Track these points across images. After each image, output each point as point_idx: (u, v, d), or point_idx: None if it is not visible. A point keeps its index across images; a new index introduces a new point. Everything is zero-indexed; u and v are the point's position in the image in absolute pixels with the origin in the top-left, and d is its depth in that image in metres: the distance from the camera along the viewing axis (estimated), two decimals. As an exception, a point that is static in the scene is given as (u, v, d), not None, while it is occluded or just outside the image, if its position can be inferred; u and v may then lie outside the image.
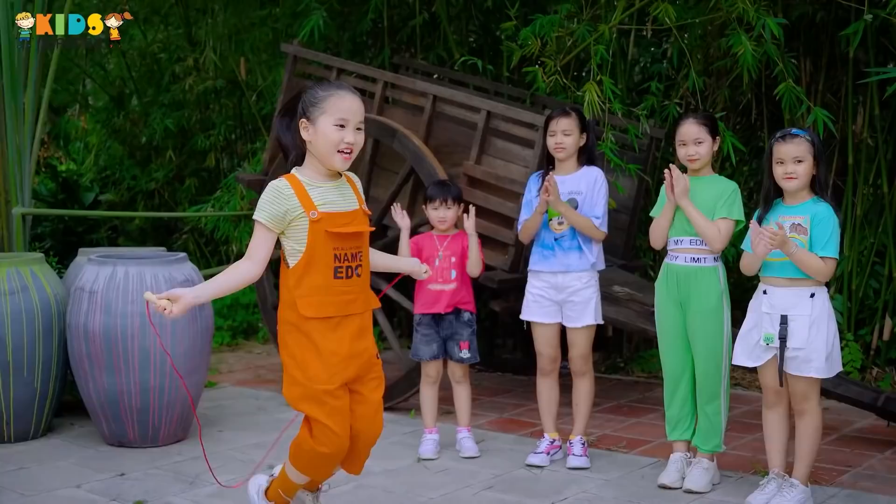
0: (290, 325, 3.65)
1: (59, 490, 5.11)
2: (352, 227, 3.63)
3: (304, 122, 3.58)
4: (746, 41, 5.62)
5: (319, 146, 3.56)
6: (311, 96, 3.59)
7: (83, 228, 10.16)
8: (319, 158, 3.59)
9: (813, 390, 4.69)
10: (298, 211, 3.52)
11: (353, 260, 3.63)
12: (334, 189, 3.63)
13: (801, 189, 4.67)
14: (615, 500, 4.93)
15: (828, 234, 4.56)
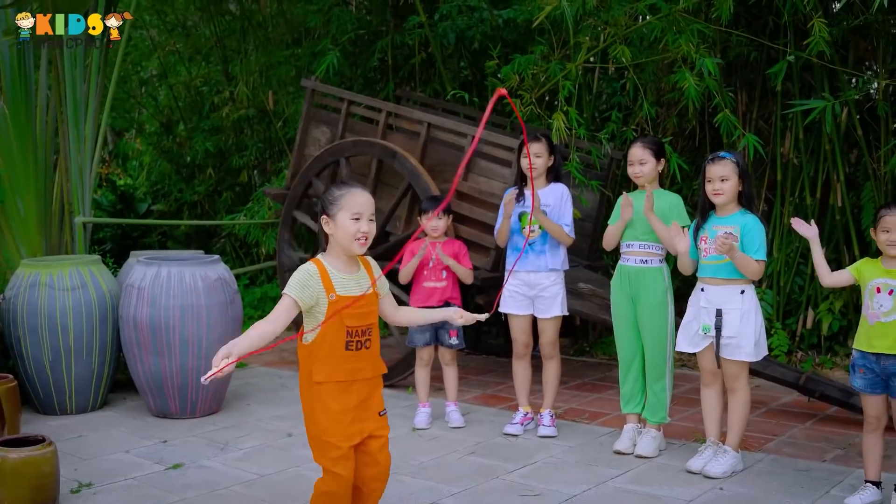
0: (307, 386, 3.59)
1: (111, 455, 5.11)
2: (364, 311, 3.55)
3: (326, 218, 3.56)
4: (690, 77, 5.61)
5: (340, 237, 3.53)
6: (329, 196, 3.55)
7: (138, 233, 10.15)
8: (341, 247, 3.57)
9: (743, 371, 4.70)
10: (321, 295, 3.49)
11: (363, 335, 3.59)
12: (352, 278, 3.59)
13: (728, 203, 4.68)
14: (576, 464, 4.93)
15: (758, 241, 4.58)
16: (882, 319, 4.15)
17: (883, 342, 4.14)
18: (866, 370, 4.20)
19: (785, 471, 4.79)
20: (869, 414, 4.27)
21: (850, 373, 4.32)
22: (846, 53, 6.65)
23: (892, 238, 4.15)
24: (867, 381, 4.21)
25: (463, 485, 4.61)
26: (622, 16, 6.17)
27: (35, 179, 6.53)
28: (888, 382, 4.15)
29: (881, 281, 4.19)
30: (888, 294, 4.15)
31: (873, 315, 4.18)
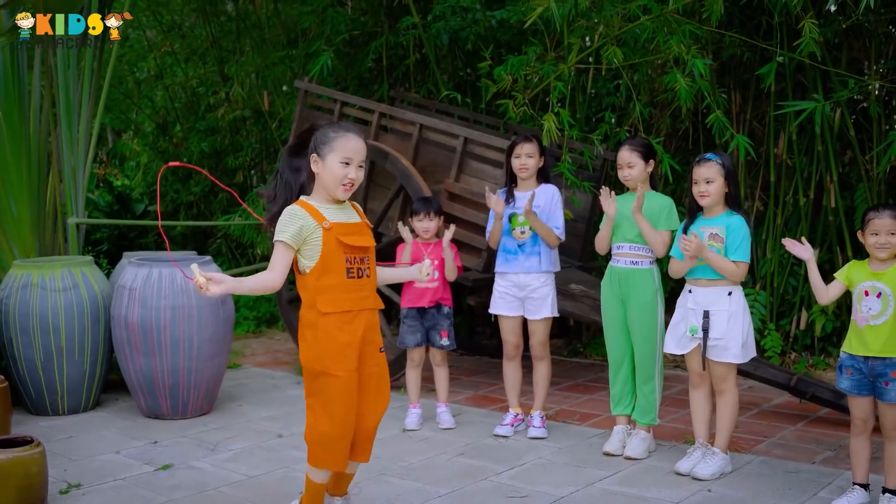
0: (310, 321, 3.56)
1: (102, 455, 5.13)
2: (358, 235, 3.60)
3: (315, 157, 3.54)
4: (681, 78, 5.61)
5: (326, 179, 3.51)
6: (322, 135, 3.54)
7: (134, 234, 10.16)
8: (325, 189, 3.55)
9: (730, 373, 4.71)
10: (313, 225, 3.48)
11: (362, 263, 3.58)
12: (340, 210, 3.59)
13: (715, 204, 4.69)
14: (565, 465, 4.93)
15: (738, 241, 4.58)
16: (871, 322, 4.15)
17: (872, 345, 4.13)
18: (854, 371, 4.20)
19: (774, 472, 4.79)
20: (855, 416, 4.26)
21: (837, 374, 4.31)
22: (839, 54, 6.65)
23: (881, 241, 4.14)
24: (854, 383, 4.21)
25: (451, 486, 4.61)
26: (615, 17, 6.16)
27: (28, 180, 6.54)
28: (875, 384, 4.15)
29: (869, 284, 4.18)
30: (876, 297, 4.14)
31: (862, 318, 4.18)
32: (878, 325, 4.12)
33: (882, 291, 4.12)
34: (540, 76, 6.50)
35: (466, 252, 6.05)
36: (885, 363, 4.11)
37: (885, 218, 4.15)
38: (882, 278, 4.15)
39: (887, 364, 4.10)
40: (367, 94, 8.35)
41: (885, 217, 4.16)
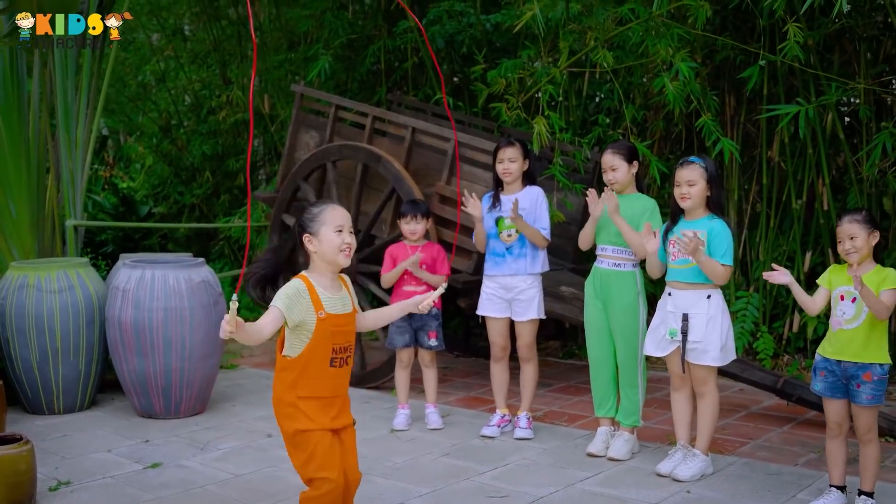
0: (290, 401, 3.62)
1: (93, 454, 5.22)
2: (347, 328, 3.65)
3: (308, 236, 3.59)
4: (668, 82, 5.66)
5: (326, 251, 3.56)
6: (307, 216, 3.61)
7: (139, 235, 10.28)
8: (326, 261, 3.60)
9: (710, 375, 4.76)
10: (310, 311, 3.54)
11: (346, 352, 3.67)
12: (335, 293, 3.66)
13: (696, 207, 4.74)
14: (549, 466, 4.99)
15: (724, 246, 4.63)
16: (845, 326, 4.20)
17: (845, 349, 4.18)
18: (827, 373, 4.24)
19: (755, 474, 4.83)
20: (830, 419, 4.31)
21: (812, 376, 4.36)
22: (832, 57, 6.68)
23: (846, 248, 4.19)
24: (828, 385, 4.25)
25: (432, 486, 4.68)
26: (606, 20, 6.22)
27: (28, 183, 6.65)
28: (848, 387, 4.19)
29: (845, 288, 4.23)
30: (851, 301, 4.18)
31: (836, 322, 4.23)
32: (850, 330, 4.17)
33: (857, 296, 4.15)
34: (533, 79, 6.57)
35: (457, 254, 6.12)
36: (857, 366, 4.15)
37: (842, 224, 4.21)
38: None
39: (859, 367, 4.15)
40: (367, 98, 8.43)
41: (843, 223, 4.21)
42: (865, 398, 4.15)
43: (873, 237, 4.19)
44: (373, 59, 8.16)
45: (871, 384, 4.15)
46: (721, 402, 6.17)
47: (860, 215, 4.22)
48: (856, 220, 4.19)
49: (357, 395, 6.47)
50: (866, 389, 4.15)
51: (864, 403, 4.17)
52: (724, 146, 5.51)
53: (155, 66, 10.19)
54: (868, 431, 4.21)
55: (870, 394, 4.16)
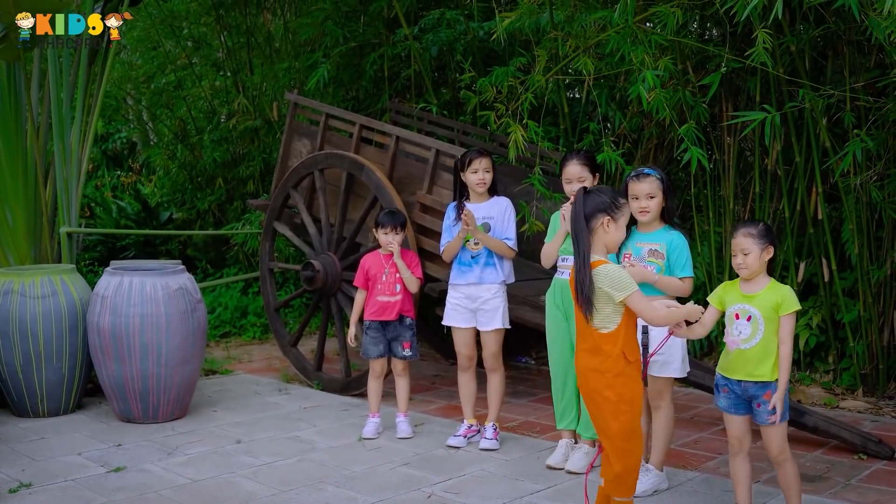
0: (620, 370, 3.81)
1: (62, 457, 5.34)
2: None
3: (608, 219, 3.85)
4: (642, 89, 5.60)
5: (616, 239, 3.94)
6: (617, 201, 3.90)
7: (159, 241, 10.50)
8: (608, 248, 3.94)
9: (667, 388, 4.70)
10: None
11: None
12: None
13: (653, 220, 4.68)
14: (503, 478, 4.98)
15: (684, 258, 4.58)
16: (742, 346, 4.04)
17: (742, 369, 4.04)
18: (729, 391, 4.12)
19: (711, 490, 4.76)
20: (731, 435, 4.20)
21: (714, 393, 4.24)
22: (825, 63, 6.54)
23: (738, 261, 4.05)
24: (731, 402, 4.14)
25: (381, 495, 4.70)
26: (589, 27, 6.19)
27: (24, 189, 6.84)
28: (750, 404, 4.08)
29: (739, 307, 4.07)
30: (746, 320, 4.03)
31: (732, 342, 4.07)
32: (747, 350, 4.02)
33: (752, 315, 4.02)
34: (525, 87, 6.55)
35: (436, 263, 6.12)
36: (757, 385, 4.03)
37: (737, 237, 4.06)
38: (752, 301, 4.04)
39: (759, 386, 4.03)
40: (370, 105, 8.49)
41: (738, 236, 4.05)
42: (766, 417, 4.03)
43: (767, 253, 4.03)
44: (375, 67, 8.21)
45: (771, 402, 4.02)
46: (701, 414, 6.22)
47: (755, 228, 4.05)
48: (750, 234, 4.02)
49: (337, 403, 6.55)
50: (766, 408, 4.02)
51: (764, 422, 4.05)
52: (692, 154, 5.43)
53: (171, 75, 10.37)
54: (780, 452, 4.09)
55: (769, 413, 4.03)
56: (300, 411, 6.35)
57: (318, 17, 8.20)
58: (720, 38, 7.01)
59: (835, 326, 6.62)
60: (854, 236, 6.29)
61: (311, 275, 6.65)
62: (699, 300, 4.48)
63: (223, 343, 8.60)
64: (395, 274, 5.75)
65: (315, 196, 6.97)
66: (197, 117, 10.50)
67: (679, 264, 4.61)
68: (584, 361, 3.89)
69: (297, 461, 5.27)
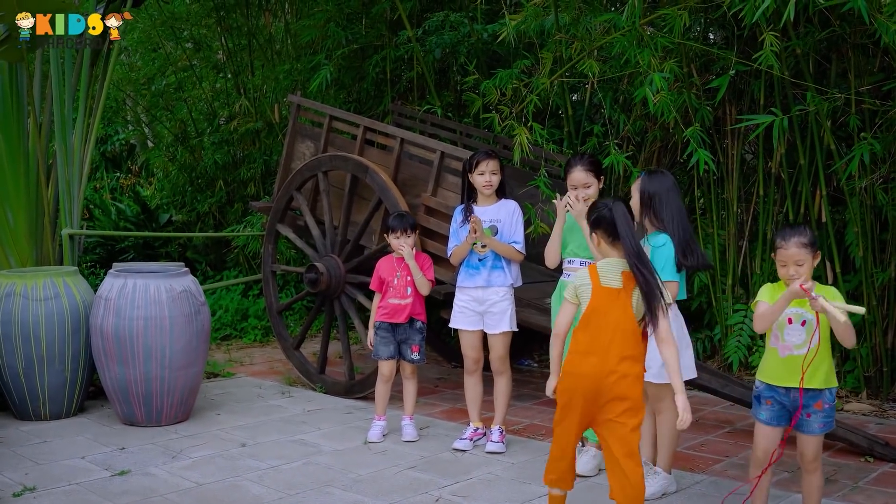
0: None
1: (66, 460, 5.30)
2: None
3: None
4: (649, 91, 5.59)
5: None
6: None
7: (159, 243, 10.47)
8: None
9: (665, 392, 4.66)
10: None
11: None
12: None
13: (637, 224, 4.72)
14: (511, 480, 4.96)
15: (662, 261, 4.55)
16: (794, 352, 3.95)
17: (795, 376, 3.95)
18: (774, 402, 4.03)
19: (719, 493, 4.74)
20: (761, 448, 4.11)
21: (754, 404, 4.16)
22: (829, 66, 6.54)
23: (790, 272, 3.91)
24: (774, 414, 4.05)
25: (389, 499, 4.68)
26: (594, 30, 6.18)
27: (26, 191, 6.80)
28: (794, 415, 4.01)
29: (793, 311, 3.96)
30: (801, 325, 3.96)
31: (785, 347, 3.98)
32: (801, 356, 3.93)
33: (806, 319, 3.94)
34: (530, 89, 6.54)
35: (442, 266, 6.11)
36: (808, 395, 3.96)
37: (789, 247, 3.91)
38: (805, 305, 3.91)
39: (810, 396, 3.96)
40: (373, 107, 8.48)
41: (790, 247, 3.90)
42: (818, 426, 3.99)
43: (816, 258, 3.94)
44: (377, 69, 8.20)
45: (823, 412, 3.99)
46: (707, 417, 6.20)
47: (807, 237, 3.90)
48: (803, 245, 3.88)
49: (340, 406, 6.53)
50: (818, 418, 3.99)
51: (813, 433, 4.00)
52: (699, 157, 5.43)
53: (172, 77, 10.35)
54: (814, 459, 4.07)
55: (822, 422, 4.00)
56: (304, 414, 6.32)
57: (320, 18, 8.19)
58: (723, 41, 7.01)
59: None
60: (858, 239, 6.28)
61: (315, 277, 6.62)
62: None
63: (224, 346, 8.58)
64: (407, 277, 5.73)
65: (318, 198, 6.95)
66: (197, 119, 10.48)
67: (659, 267, 4.58)
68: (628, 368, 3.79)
69: (302, 464, 5.24)
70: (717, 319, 7.03)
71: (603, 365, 3.77)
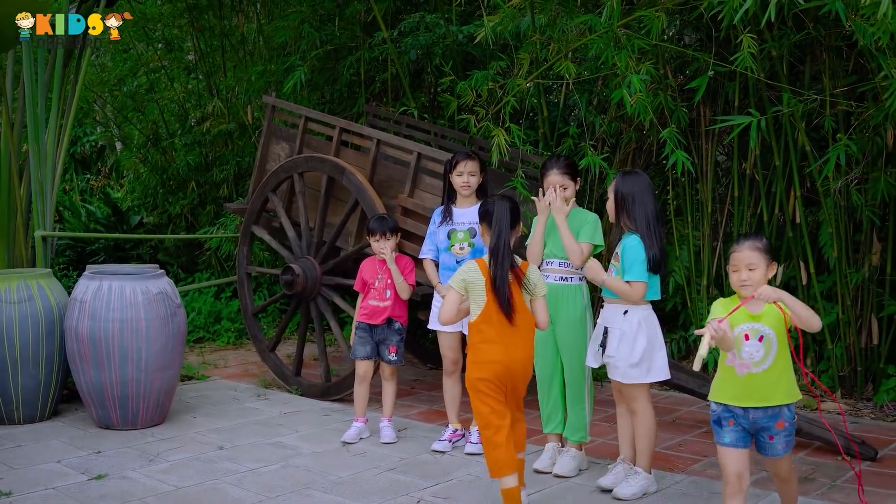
0: None
1: (42, 465, 5.24)
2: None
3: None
4: (626, 93, 5.62)
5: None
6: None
7: (130, 245, 10.38)
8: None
9: (639, 392, 4.69)
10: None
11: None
12: None
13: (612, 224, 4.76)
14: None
15: (630, 261, 4.59)
16: (753, 370, 3.71)
17: (754, 394, 3.72)
18: (735, 423, 3.78)
19: (699, 493, 4.77)
20: (731, 471, 3.80)
21: (714, 429, 3.88)
22: (803, 68, 6.61)
23: (742, 277, 3.73)
24: (738, 435, 3.80)
25: (370, 501, 4.67)
26: (570, 31, 6.20)
27: (-2, 193, 6.74)
28: (757, 437, 3.82)
29: (748, 326, 3.72)
30: (758, 340, 3.70)
31: (742, 365, 3.71)
32: (761, 373, 3.71)
33: (764, 334, 3.70)
34: (505, 91, 6.55)
35: (419, 267, 6.08)
36: (767, 414, 3.74)
37: (742, 251, 3.75)
38: (762, 319, 3.71)
39: (770, 416, 3.74)
40: (347, 109, 8.45)
41: (743, 250, 3.75)
42: (781, 447, 3.79)
43: (771, 269, 3.76)
44: (351, 70, 8.18)
45: (785, 431, 3.78)
46: (684, 417, 6.24)
47: (761, 242, 3.77)
48: (756, 248, 3.73)
49: (317, 408, 6.50)
50: (780, 439, 3.77)
51: (777, 455, 3.81)
52: (677, 158, 5.46)
53: (143, 78, 10.27)
54: (789, 473, 3.96)
55: (784, 441, 3.79)
56: (280, 417, 6.29)
57: (294, 19, 8.15)
58: (697, 43, 7.05)
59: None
60: (833, 240, 6.35)
61: (291, 279, 6.59)
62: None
63: (197, 348, 8.52)
64: (388, 280, 5.74)
65: (294, 199, 6.92)
66: (169, 120, 10.40)
67: (626, 268, 4.62)
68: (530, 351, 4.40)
69: (281, 467, 5.21)
70: (692, 320, 7.07)
71: (513, 352, 4.27)
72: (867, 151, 6.06)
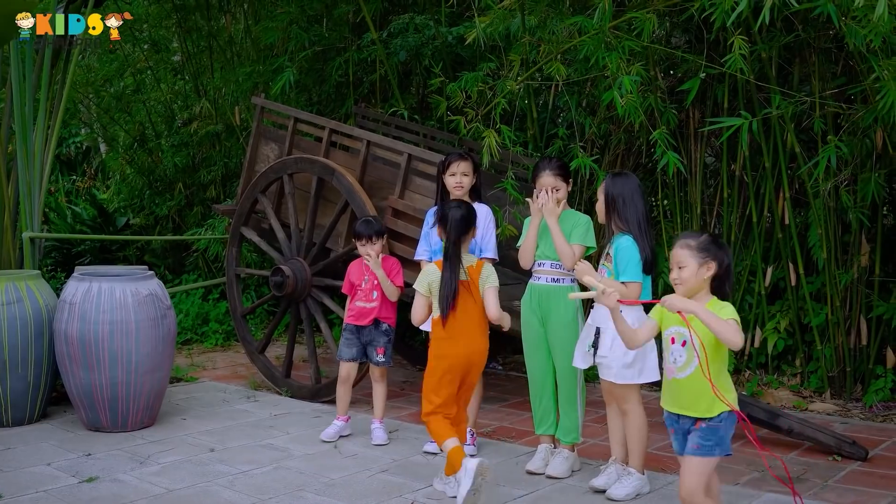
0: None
1: (32, 467, 5.21)
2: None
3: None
4: (617, 95, 5.64)
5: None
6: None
7: (116, 247, 10.33)
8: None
9: (629, 392, 4.70)
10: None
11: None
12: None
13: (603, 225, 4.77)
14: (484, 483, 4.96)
15: (624, 262, 4.61)
16: (677, 375, 3.62)
17: (679, 400, 3.64)
18: (676, 431, 3.73)
19: (692, 492, 4.78)
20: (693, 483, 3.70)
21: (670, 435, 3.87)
22: (792, 70, 6.64)
23: (674, 276, 3.63)
24: (679, 445, 3.76)
25: (363, 503, 4.66)
26: (560, 33, 6.21)
27: (-16, 194, 6.70)
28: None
29: (675, 329, 3.62)
30: (681, 346, 3.60)
31: (669, 370, 3.67)
32: (682, 379, 3.61)
33: (687, 340, 3.57)
34: (495, 92, 6.56)
35: (409, 269, 6.09)
36: (690, 420, 3.66)
37: (674, 248, 3.66)
38: (689, 325, 3.56)
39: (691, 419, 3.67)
40: (335, 110, 8.44)
41: (675, 247, 3.65)
42: (692, 446, 3.61)
43: (707, 269, 3.58)
44: (340, 72, 8.17)
45: (700, 431, 3.61)
46: (675, 418, 6.23)
47: (695, 240, 3.61)
48: (687, 246, 3.59)
49: (308, 410, 6.49)
50: (694, 438, 3.61)
51: (689, 453, 3.63)
52: (669, 160, 5.48)
53: (129, 79, 10.22)
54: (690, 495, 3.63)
55: (697, 442, 3.59)
56: (271, 419, 6.28)
57: (282, 20, 8.14)
58: (686, 45, 7.08)
59: (802, 330, 6.72)
60: (822, 241, 6.38)
61: (281, 280, 6.58)
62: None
63: (185, 350, 8.49)
64: (374, 281, 5.75)
65: (283, 201, 6.91)
66: (156, 122, 10.35)
67: (620, 268, 4.64)
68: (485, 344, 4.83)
69: (273, 469, 5.20)
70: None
71: (470, 345, 4.73)
72: (856, 153, 6.09)
